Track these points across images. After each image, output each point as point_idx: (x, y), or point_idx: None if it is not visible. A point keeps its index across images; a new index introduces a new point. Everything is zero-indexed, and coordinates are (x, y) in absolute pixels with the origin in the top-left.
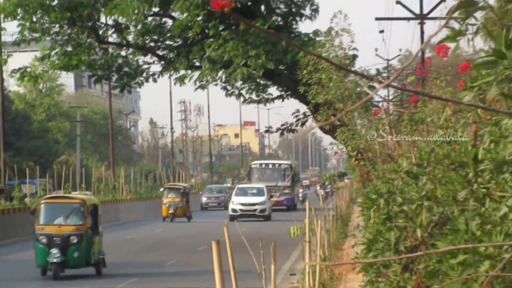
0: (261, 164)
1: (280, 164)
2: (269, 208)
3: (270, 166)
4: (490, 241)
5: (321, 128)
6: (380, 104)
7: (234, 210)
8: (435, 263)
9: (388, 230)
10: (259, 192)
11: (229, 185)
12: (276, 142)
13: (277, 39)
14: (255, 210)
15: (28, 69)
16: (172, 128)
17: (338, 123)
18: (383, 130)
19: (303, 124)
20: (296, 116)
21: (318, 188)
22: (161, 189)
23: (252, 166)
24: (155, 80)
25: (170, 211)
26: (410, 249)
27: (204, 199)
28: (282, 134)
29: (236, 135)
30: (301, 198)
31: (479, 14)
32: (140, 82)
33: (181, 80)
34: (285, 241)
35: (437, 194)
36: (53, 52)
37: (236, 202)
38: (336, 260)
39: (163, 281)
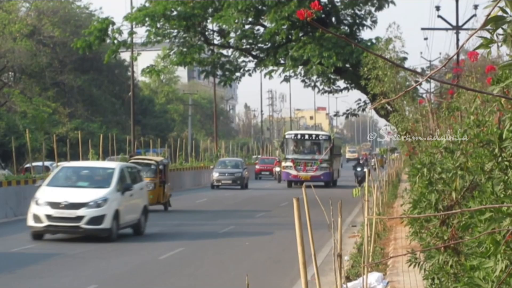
0: (296, 135)
1: (317, 135)
2: (116, 212)
3: (307, 137)
4: (511, 202)
5: (377, 113)
6: (424, 95)
7: (36, 219)
8: (467, 218)
9: (430, 193)
10: (103, 179)
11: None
12: (342, 123)
13: (345, 43)
14: (80, 219)
15: (154, 67)
16: (261, 111)
17: (391, 109)
18: (426, 117)
19: (363, 109)
20: (358, 103)
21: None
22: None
23: (287, 136)
24: (250, 75)
25: None
26: (446, 208)
27: (215, 175)
28: (347, 117)
29: (311, 117)
30: (359, 178)
31: (506, 26)
32: (238, 77)
33: (269, 74)
34: (349, 200)
35: (469, 165)
36: (172, 52)
37: (43, 201)
38: (388, 215)
39: (254, 227)
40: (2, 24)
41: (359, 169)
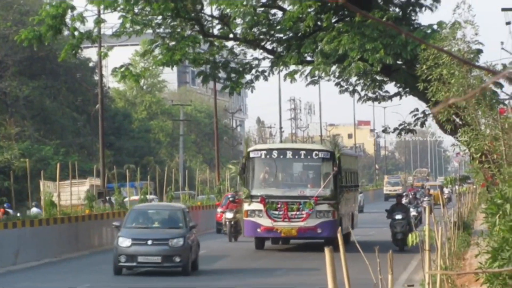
0: (269, 152)
1: (309, 152)
2: None
3: (289, 155)
4: None
5: (441, 127)
6: (507, 102)
7: None
8: None
9: None
10: None
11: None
12: (392, 143)
13: (396, 31)
14: None
15: (130, 67)
16: (281, 128)
17: (461, 122)
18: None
19: (422, 124)
20: (415, 115)
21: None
22: None
23: (252, 155)
24: (265, 78)
25: None
26: None
27: (123, 244)
28: (399, 134)
29: (350, 135)
30: (399, 235)
31: None
32: (249, 82)
33: (291, 75)
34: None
35: None
36: (154, 45)
37: None
38: (458, 270)
39: None
40: None
41: (399, 216)
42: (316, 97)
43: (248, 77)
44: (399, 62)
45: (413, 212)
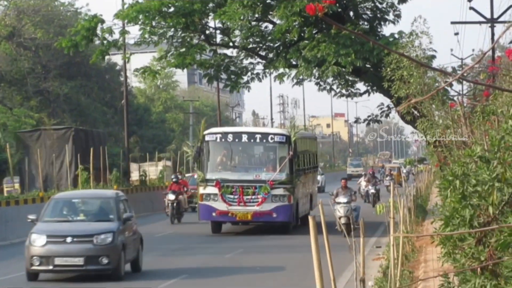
0: (224, 135)
1: (265, 135)
2: None
3: (244, 138)
4: None
5: (403, 118)
6: (455, 98)
7: None
8: (506, 236)
9: (463, 208)
10: None
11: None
12: (363, 131)
13: (364, 40)
14: None
15: (149, 67)
16: (272, 119)
17: (418, 114)
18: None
19: (387, 115)
20: (381, 108)
21: (363, 183)
22: None
23: (207, 138)
24: (260, 80)
25: None
26: (483, 225)
27: (37, 242)
28: (368, 124)
29: (328, 125)
30: (343, 219)
31: None
32: (248, 82)
33: (280, 77)
34: (372, 219)
35: (507, 176)
36: (170, 54)
37: None
38: (417, 234)
39: (264, 252)
40: None
41: (343, 200)
42: (300, 94)
43: (245, 78)
44: (367, 66)
45: (371, 190)
